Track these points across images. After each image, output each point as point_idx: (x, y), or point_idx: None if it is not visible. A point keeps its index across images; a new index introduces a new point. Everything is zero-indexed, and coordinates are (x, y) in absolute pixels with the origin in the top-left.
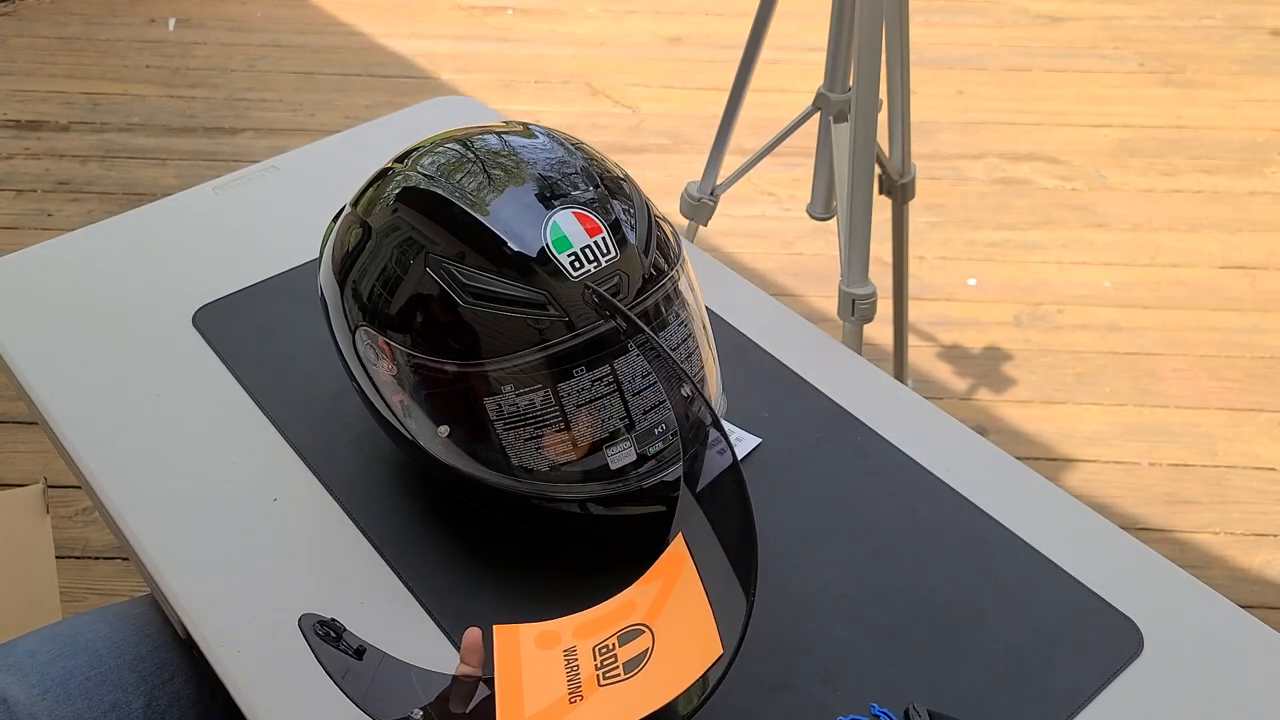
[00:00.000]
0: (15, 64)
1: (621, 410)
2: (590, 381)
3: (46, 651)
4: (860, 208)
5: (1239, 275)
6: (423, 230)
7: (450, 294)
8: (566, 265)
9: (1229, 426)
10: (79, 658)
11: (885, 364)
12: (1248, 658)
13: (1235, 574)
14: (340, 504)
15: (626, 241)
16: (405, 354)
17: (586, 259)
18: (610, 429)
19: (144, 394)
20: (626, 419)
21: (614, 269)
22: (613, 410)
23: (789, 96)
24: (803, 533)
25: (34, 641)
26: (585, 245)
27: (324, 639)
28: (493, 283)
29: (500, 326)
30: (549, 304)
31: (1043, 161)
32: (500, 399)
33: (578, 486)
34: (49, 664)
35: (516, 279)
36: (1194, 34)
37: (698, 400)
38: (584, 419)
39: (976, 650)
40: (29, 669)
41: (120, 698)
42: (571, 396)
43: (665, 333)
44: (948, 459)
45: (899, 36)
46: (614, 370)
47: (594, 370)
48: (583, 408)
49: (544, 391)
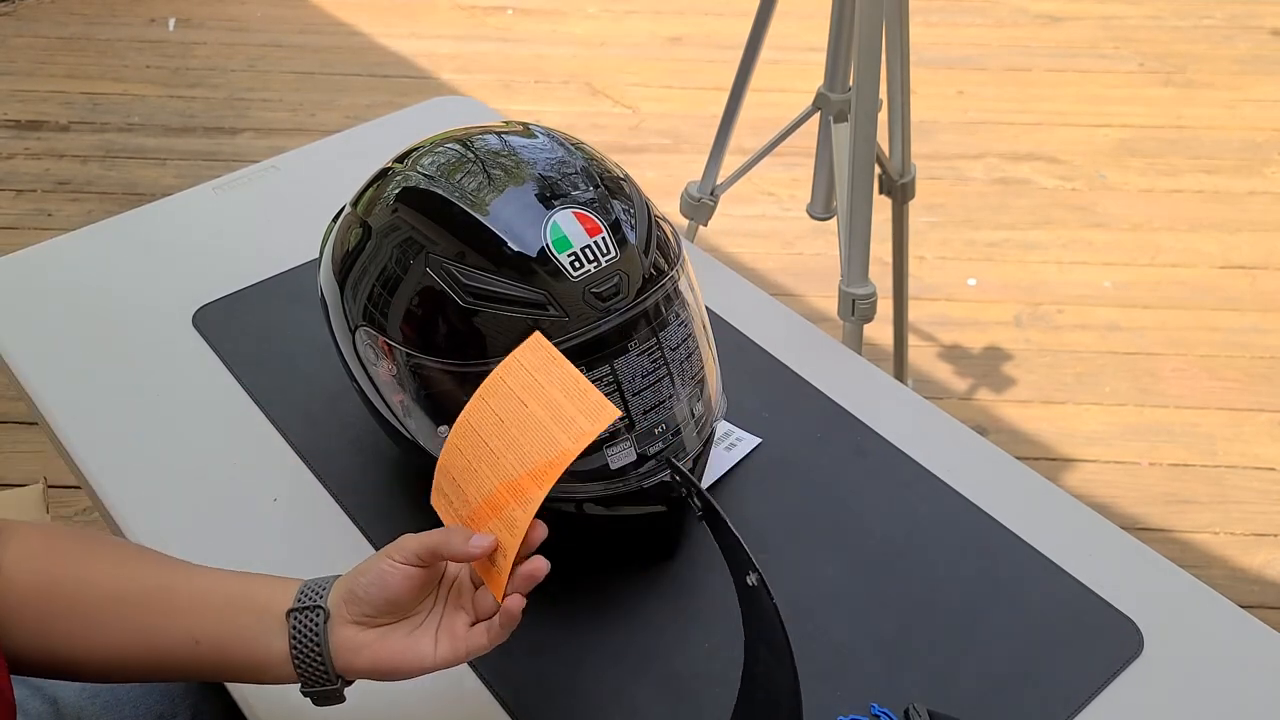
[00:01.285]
0: (15, 64)
1: (621, 410)
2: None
3: None
4: (860, 208)
5: (1239, 275)
6: (423, 230)
7: (450, 294)
8: (566, 265)
9: (1229, 426)
10: None
11: (885, 364)
12: (1247, 657)
13: (1235, 574)
14: (340, 504)
15: (626, 241)
16: (405, 354)
17: (586, 259)
18: (610, 429)
19: (144, 394)
20: (626, 419)
21: (614, 269)
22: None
23: (789, 96)
24: (803, 533)
25: None
26: (585, 245)
27: None
28: (493, 283)
29: (500, 326)
30: (549, 304)
31: (1043, 161)
32: None
33: (578, 486)
34: None
35: (516, 279)
36: (1194, 34)
37: (761, 587)
38: None
39: (976, 650)
40: None
41: (167, 709)
42: None
43: (665, 332)
44: (948, 459)
45: (899, 36)
46: (614, 370)
47: (594, 370)
48: None
49: None
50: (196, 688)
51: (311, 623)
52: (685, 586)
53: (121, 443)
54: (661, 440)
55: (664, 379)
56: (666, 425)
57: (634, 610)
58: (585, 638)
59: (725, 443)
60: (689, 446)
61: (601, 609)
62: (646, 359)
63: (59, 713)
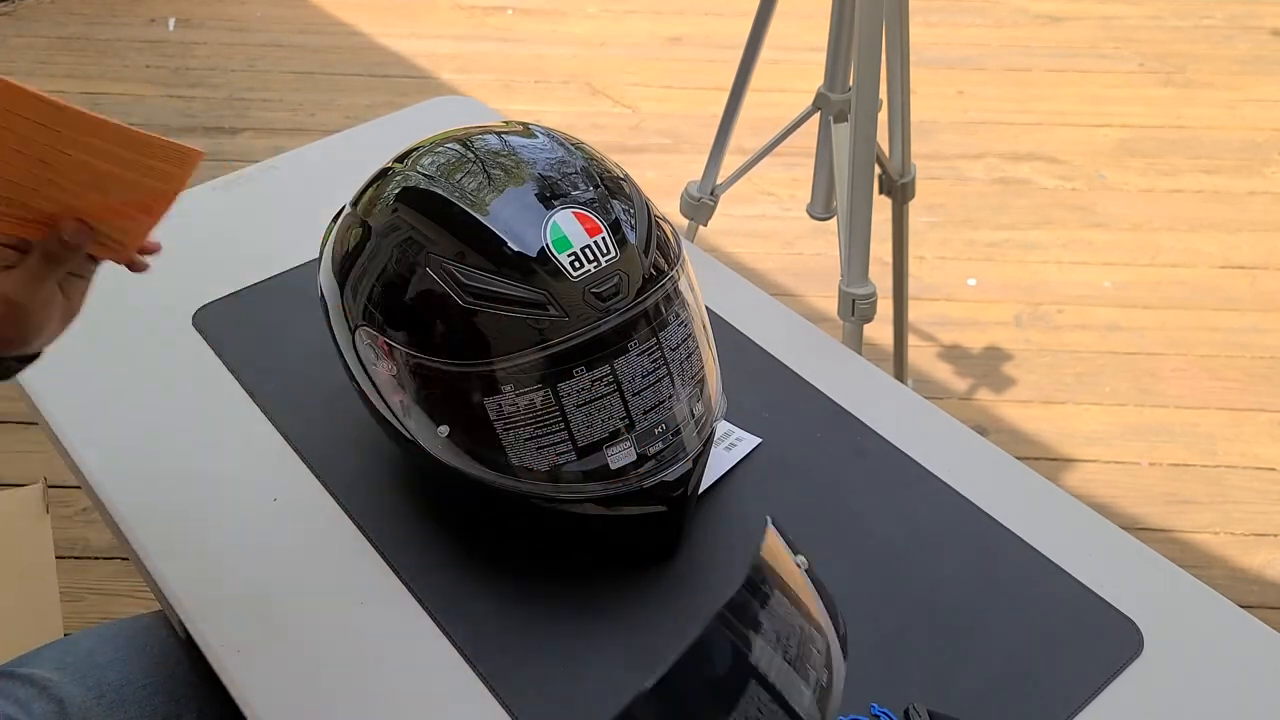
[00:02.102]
0: (15, 64)
1: (621, 410)
2: (590, 382)
3: (105, 653)
4: (860, 208)
5: (1239, 275)
6: (422, 230)
7: (450, 294)
8: (566, 265)
9: (1229, 426)
10: (137, 663)
11: (885, 364)
12: (1247, 658)
13: (1235, 574)
14: (340, 504)
15: (626, 241)
16: (405, 354)
17: (586, 259)
18: (610, 429)
19: (144, 394)
20: (626, 419)
21: (614, 269)
22: (613, 410)
23: (789, 96)
24: (803, 533)
25: (94, 640)
26: (585, 245)
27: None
28: (492, 282)
29: (500, 326)
30: (549, 304)
31: (1042, 161)
32: (500, 399)
33: (578, 486)
34: (106, 666)
35: (517, 279)
36: (1194, 34)
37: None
38: (584, 419)
39: (976, 650)
40: (87, 670)
41: (172, 710)
42: (571, 396)
43: (665, 332)
44: (948, 459)
45: (899, 36)
46: (614, 370)
47: (594, 370)
48: (582, 408)
49: (544, 391)
50: (201, 690)
51: None
52: (685, 586)
53: (121, 443)
54: (661, 440)
55: (664, 379)
56: (666, 425)
57: (634, 610)
58: (586, 638)
59: (725, 443)
60: (689, 447)
61: (601, 609)
62: (646, 359)
63: (64, 712)
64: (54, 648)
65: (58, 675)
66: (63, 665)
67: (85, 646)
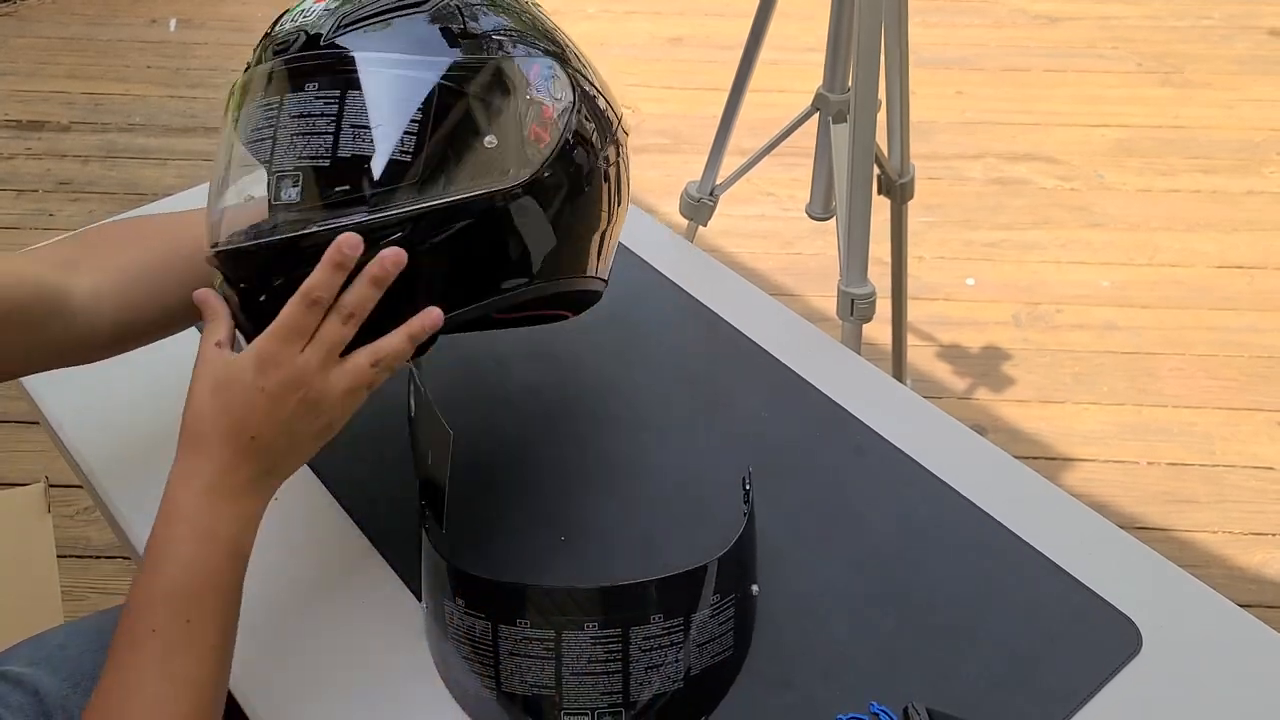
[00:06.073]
0: (17, 64)
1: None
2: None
3: (76, 645)
4: (859, 208)
5: (1237, 275)
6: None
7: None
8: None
9: (1227, 425)
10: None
11: (884, 364)
12: (1246, 656)
13: (1233, 573)
14: (340, 504)
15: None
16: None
17: (295, 20)
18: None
19: (144, 393)
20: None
21: (301, 28)
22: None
23: (789, 96)
24: (802, 532)
25: (63, 635)
26: (304, 8)
27: None
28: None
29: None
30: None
31: (1041, 161)
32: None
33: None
34: (79, 657)
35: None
36: (1192, 34)
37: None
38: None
39: (976, 649)
40: (59, 662)
41: None
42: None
43: (296, 96)
44: (947, 458)
45: (898, 37)
46: (237, 119)
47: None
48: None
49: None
50: None
51: None
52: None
53: (122, 442)
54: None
55: (266, 140)
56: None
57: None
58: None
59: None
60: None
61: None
62: (261, 113)
63: (42, 702)
64: (25, 645)
65: (31, 669)
66: (35, 660)
67: (55, 641)
